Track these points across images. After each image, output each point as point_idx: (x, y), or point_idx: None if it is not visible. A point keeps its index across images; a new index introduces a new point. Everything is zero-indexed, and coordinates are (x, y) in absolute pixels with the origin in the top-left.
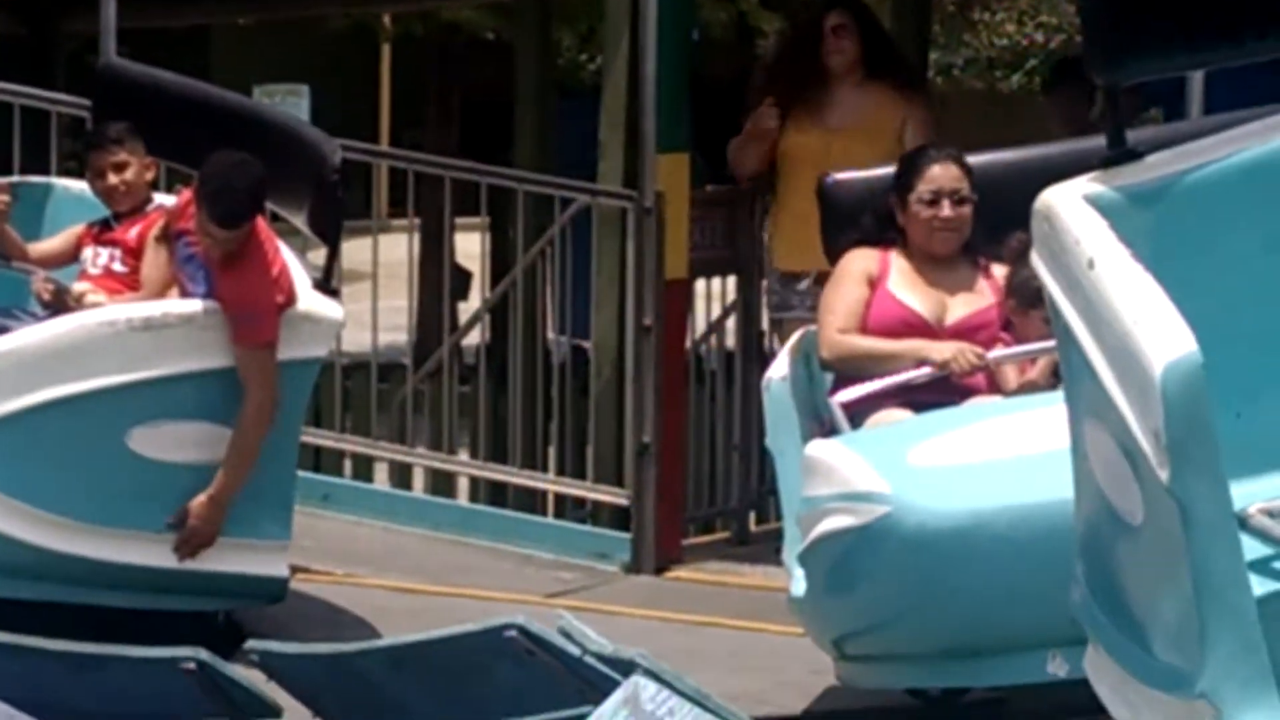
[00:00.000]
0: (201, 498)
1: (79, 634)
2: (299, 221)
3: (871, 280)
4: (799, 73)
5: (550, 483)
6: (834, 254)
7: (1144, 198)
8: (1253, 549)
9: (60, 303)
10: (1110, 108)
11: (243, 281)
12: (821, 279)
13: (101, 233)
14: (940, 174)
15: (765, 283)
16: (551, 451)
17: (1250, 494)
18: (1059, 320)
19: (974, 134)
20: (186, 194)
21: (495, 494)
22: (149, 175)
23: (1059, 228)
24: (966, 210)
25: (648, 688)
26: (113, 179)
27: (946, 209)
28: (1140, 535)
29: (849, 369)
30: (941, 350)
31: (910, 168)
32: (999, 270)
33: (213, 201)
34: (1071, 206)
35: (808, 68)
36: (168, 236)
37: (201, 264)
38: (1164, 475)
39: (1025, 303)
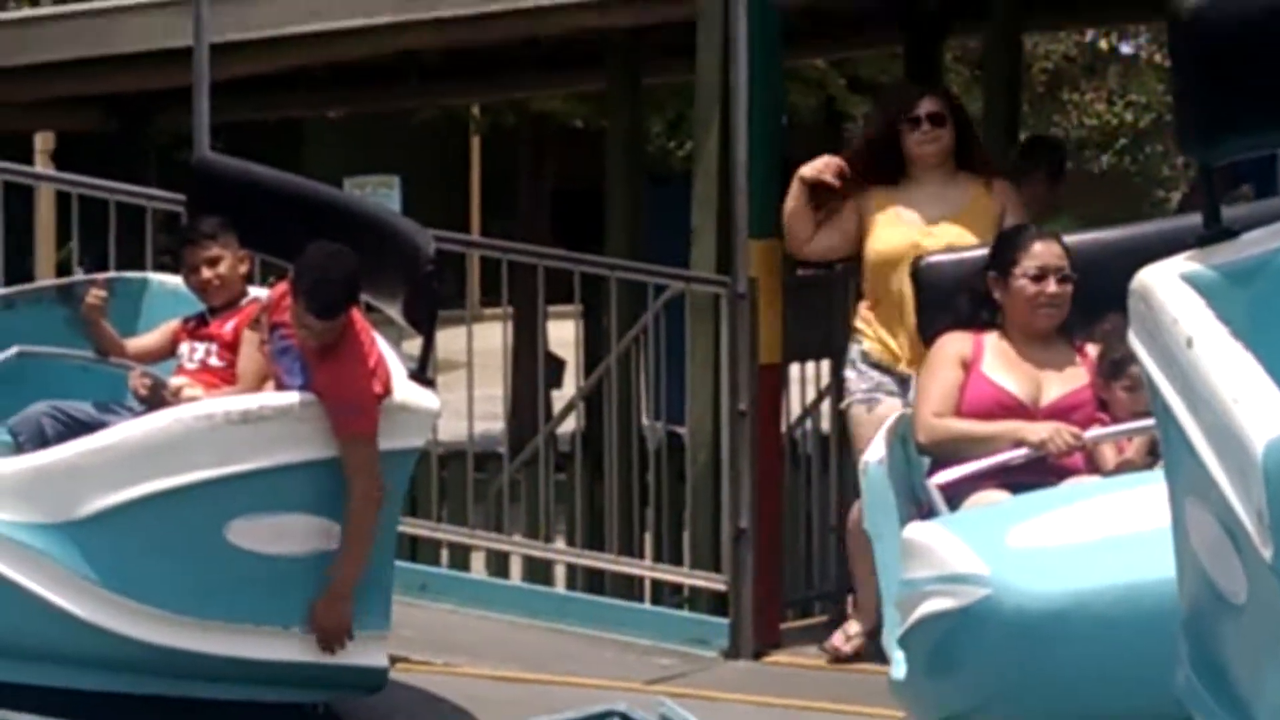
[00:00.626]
0: (323, 596)
1: None
2: (394, 312)
3: (965, 363)
4: (886, 166)
5: (647, 569)
6: (929, 337)
7: (1241, 276)
8: None
9: (157, 397)
10: (1206, 186)
11: (340, 372)
12: (895, 375)
13: (197, 327)
14: (1044, 251)
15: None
16: (648, 538)
17: None
18: (1157, 399)
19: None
20: (281, 287)
21: (592, 581)
22: (243, 269)
23: (1156, 307)
24: (1069, 288)
25: None
26: (206, 274)
27: (1053, 285)
28: (1244, 614)
29: (945, 452)
30: (1038, 431)
31: (1011, 245)
32: (1093, 350)
33: (309, 293)
34: (1168, 286)
35: (894, 161)
36: (262, 328)
37: (298, 356)
38: (1267, 554)
39: (1106, 375)
